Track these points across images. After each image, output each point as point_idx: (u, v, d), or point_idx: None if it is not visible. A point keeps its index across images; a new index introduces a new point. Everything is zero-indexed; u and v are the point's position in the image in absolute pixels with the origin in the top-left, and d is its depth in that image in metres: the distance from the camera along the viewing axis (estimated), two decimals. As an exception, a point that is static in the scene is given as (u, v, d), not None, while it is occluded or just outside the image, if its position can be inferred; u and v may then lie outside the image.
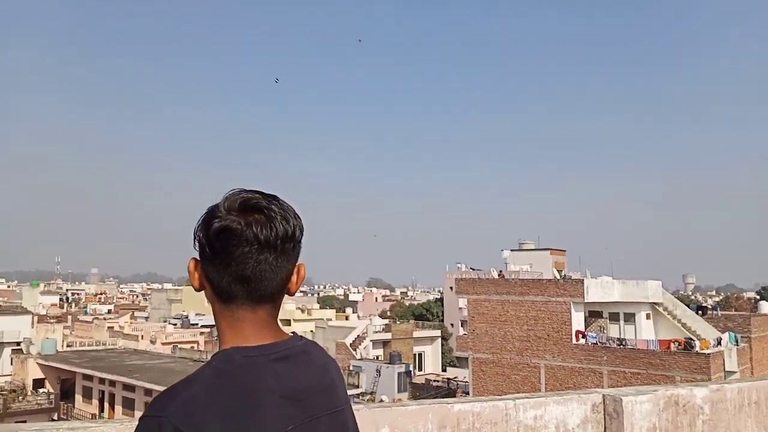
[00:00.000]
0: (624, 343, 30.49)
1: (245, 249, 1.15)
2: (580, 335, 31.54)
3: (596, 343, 30.92)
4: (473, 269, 54.60)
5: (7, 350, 45.84)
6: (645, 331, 32.71)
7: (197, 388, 1.08)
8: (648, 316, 33.59)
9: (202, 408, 1.05)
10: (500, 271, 41.32)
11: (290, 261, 1.22)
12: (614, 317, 33.74)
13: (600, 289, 32.60)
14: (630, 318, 33.39)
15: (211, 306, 1.24)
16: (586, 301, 31.70)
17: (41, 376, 38.43)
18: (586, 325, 32.75)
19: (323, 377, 1.25)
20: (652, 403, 3.79)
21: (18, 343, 45.85)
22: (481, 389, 33.78)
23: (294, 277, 1.26)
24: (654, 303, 33.76)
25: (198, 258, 1.22)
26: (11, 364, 43.06)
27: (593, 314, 33.79)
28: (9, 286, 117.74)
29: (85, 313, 68.53)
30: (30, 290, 74.46)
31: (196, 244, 1.20)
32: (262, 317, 1.22)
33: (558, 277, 37.98)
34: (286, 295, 1.30)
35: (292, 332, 1.33)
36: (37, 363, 38.87)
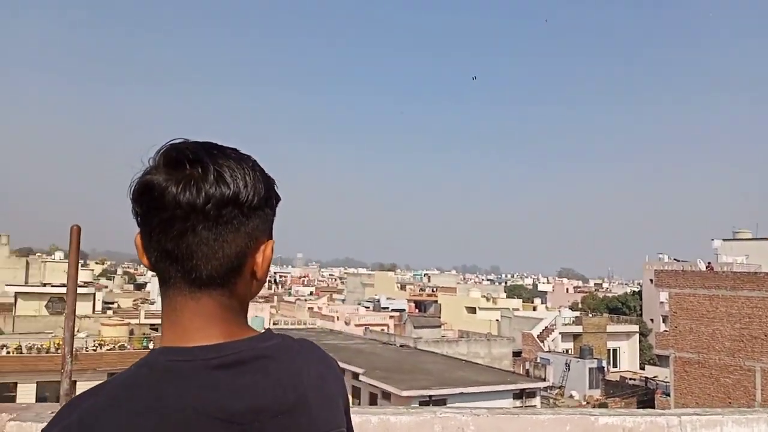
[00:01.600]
0: None
1: (165, 214, 0.85)
2: (808, 338, 27.28)
3: (829, 348, 26.55)
4: (677, 260, 50.09)
5: (225, 326, 52.04)
6: None
7: (101, 399, 0.82)
8: None
9: (97, 427, 0.79)
10: (708, 263, 37.45)
11: (236, 234, 0.88)
12: None
13: (835, 285, 27.93)
14: None
15: None
16: (815, 298, 27.36)
17: (251, 349, 42.80)
18: (816, 327, 28.25)
19: (286, 393, 0.89)
20: None
21: (232, 320, 51.77)
22: (685, 391, 30.82)
23: (258, 258, 0.93)
24: None
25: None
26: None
27: (825, 314, 29.06)
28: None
29: (289, 294, 74.75)
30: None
31: (132, 212, 0.90)
32: (207, 308, 0.89)
33: (780, 270, 33.24)
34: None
35: (266, 328, 1.00)
36: (248, 338, 43.32)
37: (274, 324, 53.38)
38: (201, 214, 0.85)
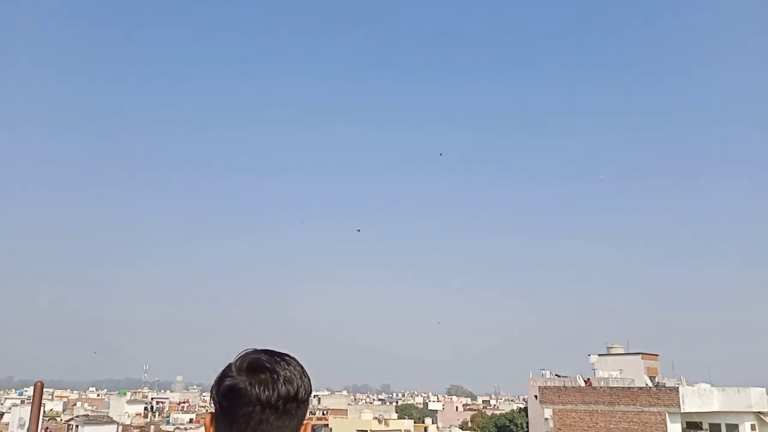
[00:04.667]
0: (729, 458, 27.81)
1: (248, 409, 1.24)
2: (679, 449, 29.07)
3: (697, 459, 28.35)
4: (558, 376, 52.05)
5: (92, 461, 46.89)
6: (751, 445, 29.82)
7: None
8: (753, 427, 30.70)
9: None
10: (587, 379, 39.32)
11: (293, 421, 1.30)
12: (715, 429, 31.01)
13: (698, 398, 30.31)
14: (733, 429, 30.61)
15: None
16: (682, 411, 29.43)
17: (123, 488, 38.70)
18: (685, 439, 30.23)
19: None
20: None
21: (103, 454, 46.87)
22: None
23: None
24: (759, 412, 30.93)
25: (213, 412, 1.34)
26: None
27: (691, 426, 31.22)
28: (98, 395, 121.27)
29: (168, 422, 69.26)
30: (117, 399, 76.49)
31: (211, 401, 1.33)
32: None
33: (650, 384, 35.69)
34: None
35: None
36: (120, 475, 39.36)
37: (150, 457, 48.80)
38: (274, 407, 1.28)
